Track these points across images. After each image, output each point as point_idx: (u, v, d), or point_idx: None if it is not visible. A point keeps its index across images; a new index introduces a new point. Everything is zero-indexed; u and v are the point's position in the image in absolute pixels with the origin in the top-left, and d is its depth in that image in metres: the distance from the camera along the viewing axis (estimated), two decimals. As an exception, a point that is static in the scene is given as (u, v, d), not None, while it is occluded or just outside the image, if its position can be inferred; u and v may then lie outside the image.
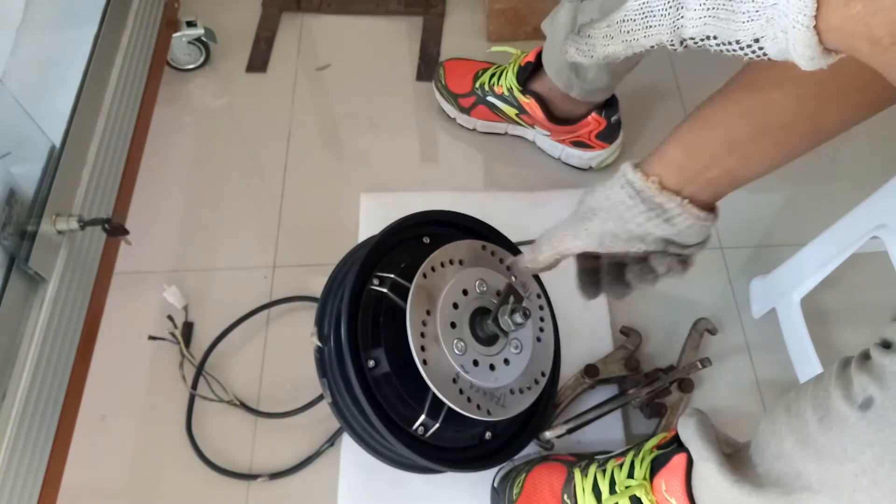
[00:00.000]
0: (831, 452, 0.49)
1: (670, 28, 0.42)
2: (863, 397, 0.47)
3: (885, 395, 0.45)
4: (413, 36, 1.29)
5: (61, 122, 0.87)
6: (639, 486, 0.69)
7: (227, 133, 1.17)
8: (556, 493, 0.77)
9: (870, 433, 0.46)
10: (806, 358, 0.87)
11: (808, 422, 0.51)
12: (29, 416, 0.77)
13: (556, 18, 0.95)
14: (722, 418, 0.68)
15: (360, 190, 1.08)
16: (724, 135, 0.57)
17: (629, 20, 0.44)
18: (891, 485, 0.45)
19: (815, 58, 0.37)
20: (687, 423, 0.66)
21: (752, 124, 0.57)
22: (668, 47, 0.44)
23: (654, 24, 0.43)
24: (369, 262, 0.71)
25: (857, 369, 0.48)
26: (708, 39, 0.41)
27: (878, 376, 0.46)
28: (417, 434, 0.69)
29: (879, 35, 0.33)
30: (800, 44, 0.36)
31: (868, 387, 0.46)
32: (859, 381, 0.47)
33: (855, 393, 0.47)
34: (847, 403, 0.48)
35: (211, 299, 1.00)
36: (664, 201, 0.57)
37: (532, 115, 1.05)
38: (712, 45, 0.41)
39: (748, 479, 0.58)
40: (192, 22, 1.18)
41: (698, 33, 0.41)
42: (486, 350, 0.70)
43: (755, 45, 0.39)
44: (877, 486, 0.46)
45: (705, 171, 0.58)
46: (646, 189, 0.58)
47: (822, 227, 0.84)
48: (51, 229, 0.81)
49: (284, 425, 0.90)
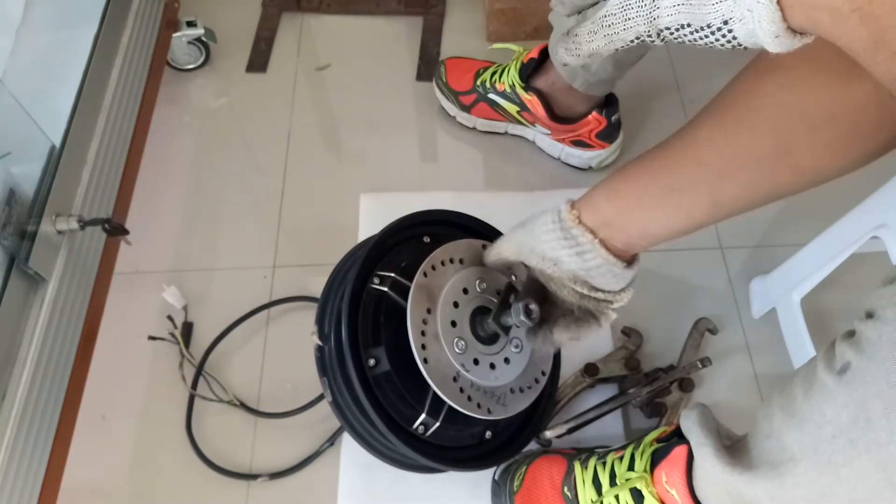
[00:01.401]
0: (812, 419, 0.50)
1: (647, 20, 0.44)
2: (841, 363, 0.48)
3: (860, 357, 0.47)
4: (413, 36, 1.29)
5: (61, 122, 0.87)
6: (639, 479, 0.69)
7: (227, 133, 1.17)
8: (557, 485, 0.77)
9: (845, 395, 0.47)
10: (806, 358, 0.87)
11: (796, 397, 0.53)
12: (29, 416, 0.77)
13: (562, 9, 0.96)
14: (722, 418, 0.68)
15: (360, 190, 1.08)
16: (635, 188, 0.62)
17: (610, 15, 0.47)
18: (865, 442, 0.46)
19: (781, 35, 0.38)
20: (689, 415, 0.67)
21: (657, 184, 0.61)
22: (646, 40, 0.46)
23: (631, 16, 0.45)
24: (370, 261, 0.71)
25: (840, 341, 0.49)
26: (682, 28, 0.43)
27: (856, 343, 0.48)
28: (418, 433, 0.69)
29: (838, 4, 0.35)
30: (764, 20, 0.38)
31: (847, 353, 0.48)
32: (840, 350, 0.49)
33: (836, 362, 0.49)
34: (828, 371, 0.49)
35: (211, 299, 1.00)
36: (578, 234, 0.62)
37: (534, 112, 1.05)
38: (686, 35, 0.43)
39: (742, 463, 0.59)
40: (192, 22, 1.18)
41: (673, 22, 0.43)
42: (486, 349, 0.70)
43: (724, 28, 0.41)
44: (852, 445, 0.47)
45: (618, 218, 0.61)
46: (566, 219, 0.62)
47: (822, 227, 0.84)
48: (51, 229, 0.81)
49: (284, 425, 0.90)
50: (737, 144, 0.58)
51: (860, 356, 0.47)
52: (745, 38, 0.41)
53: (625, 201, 0.61)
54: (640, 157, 0.63)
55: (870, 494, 0.47)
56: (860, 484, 0.47)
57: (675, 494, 0.67)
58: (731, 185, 0.59)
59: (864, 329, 0.47)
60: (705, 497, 0.65)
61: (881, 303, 0.47)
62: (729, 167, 0.58)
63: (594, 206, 0.62)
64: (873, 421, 0.45)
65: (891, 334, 0.45)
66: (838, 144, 0.56)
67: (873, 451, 0.45)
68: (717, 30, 0.41)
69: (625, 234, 0.62)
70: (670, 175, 0.60)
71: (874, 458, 0.46)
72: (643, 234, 0.62)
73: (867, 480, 0.47)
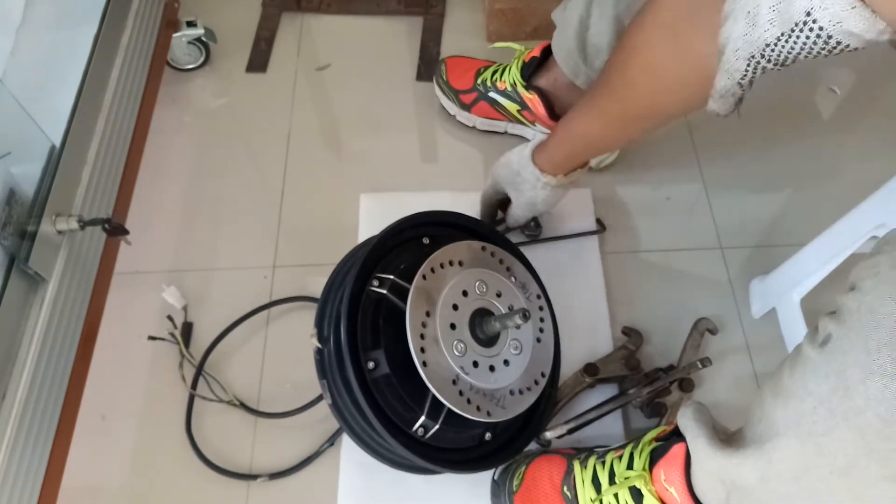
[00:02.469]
0: (796, 394, 0.51)
1: (748, 42, 0.49)
2: (823, 336, 0.49)
3: (840, 328, 0.48)
4: (413, 36, 1.29)
5: (61, 122, 0.87)
6: (638, 477, 0.70)
7: (227, 133, 1.17)
8: (556, 485, 0.77)
9: (825, 365, 0.48)
10: (806, 358, 0.87)
11: (783, 376, 0.54)
12: (29, 416, 0.77)
13: (568, 5, 0.97)
14: (722, 417, 0.68)
15: (360, 190, 1.08)
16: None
17: (722, 54, 0.52)
18: (843, 411, 0.46)
19: (857, 6, 0.41)
20: (685, 412, 0.68)
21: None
22: (758, 66, 0.50)
23: (738, 45, 0.50)
24: (369, 263, 0.71)
25: (823, 317, 0.51)
26: (780, 41, 0.47)
27: (837, 315, 0.49)
28: (417, 435, 0.69)
29: None
30: None
31: (829, 326, 0.49)
32: (822, 325, 0.50)
33: (818, 336, 0.50)
34: (811, 345, 0.50)
35: (211, 299, 1.00)
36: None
37: (534, 110, 1.05)
38: (784, 48, 0.47)
39: (733, 446, 0.59)
40: (192, 22, 1.18)
41: (771, 36, 0.47)
42: (485, 351, 0.70)
43: (809, 20, 0.43)
44: (831, 415, 0.47)
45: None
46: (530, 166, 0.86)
47: (822, 227, 0.84)
48: (51, 229, 0.81)
49: (284, 425, 0.90)
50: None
51: (840, 327, 0.48)
52: (831, 25, 0.43)
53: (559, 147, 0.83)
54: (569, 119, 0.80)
55: (848, 464, 0.48)
56: (840, 453, 0.48)
57: (673, 492, 0.67)
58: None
59: (845, 301, 0.48)
60: (703, 493, 0.65)
61: (862, 274, 0.48)
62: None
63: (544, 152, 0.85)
64: (851, 388, 0.46)
65: (870, 304, 0.46)
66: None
67: (851, 418, 0.46)
68: (804, 24, 0.44)
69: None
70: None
71: (851, 425, 0.46)
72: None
73: (847, 448, 0.47)
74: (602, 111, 0.74)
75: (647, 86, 0.66)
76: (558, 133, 0.82)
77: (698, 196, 1.09)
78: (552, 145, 0.83)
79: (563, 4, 0.98)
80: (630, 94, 0.69)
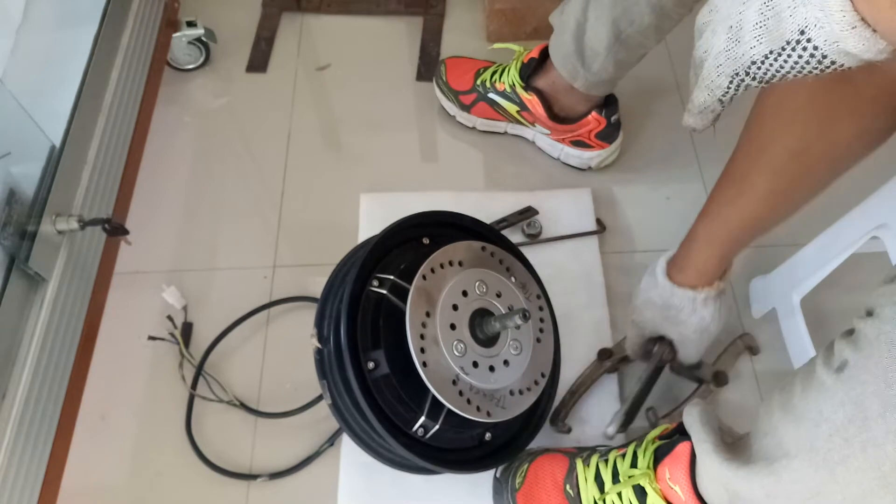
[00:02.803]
0: (809, 416, 0.51)
1: (732, 59, 0.46)
2: (839, 361, 0.49)
3: (858, 356, 0.47)
4: (413, 36, 1.29)
5: (61, 122, 0.87)
6: (642, 475, 0.69)
7: (227, 133, 1.17)
8: (559, 483, 0.77)
9: (842, 393, 0.48)
10: (806, 358, 0.86)
11: (794, 394, 0.53)
12: (29, 416, 0.77)
13: (565, 8, 0.96)
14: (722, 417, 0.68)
15: (360, 190, 1.08)
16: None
17: (704, 63, 0.49)
18: (860, 441, 0.46)
19: (857, 26, 0.38)
20: (691, 412, 0.68)
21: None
22: (741, 83, 0.47)
23: (721, 61, 0.47)
24: (369, 263, 0.71)
25: (839, 339, 0.50)
26: (767, 59, 0.43)
27: (855, 341, 0.48)
28: (417, 436, 0.69)
29: None
30: (835, 8, 0.38)
31: (845, 351, 0.48)
32: (838, 348, 0.49)
33: (834, 359, 0.49)
34: (826, 369, 0.50)
35: (210, 299, 1.00)
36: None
37: (533, 111, 1.05)
38: (773, 65, 0.44)
39: (740, 459, 0.59)
40: (192, 22, 1.18)
41: (758, 54, 0.44)
42: (485, 351, 0.70)
43: (803, 39, 0.40)
44: (848, 445, 0.47)
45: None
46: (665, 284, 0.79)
47: (822, 227, 0.84)
48: (51, 229, 0.81)
49: (284, 425, 0.90)
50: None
51: (858, 354, 0.47)
52: (826, 45, 0.40)
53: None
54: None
55: (864, 493, 0.48)
56: (854, 483, 0.48)
57: (678, 491, 0.67)
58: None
59: (863, 327, 0.47)
60: (708, 495, 0.65)
61: (881, 301, 0.47)
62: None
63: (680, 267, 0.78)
64: (870, 420, 0.45)
65: (889, 333, 0.45)
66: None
67: (869, 450, 0.46)
68: (797, 43, 0.41)
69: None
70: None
71: (869, 457, 0.46)
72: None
73: (862, 479, 0.47)
74: (752, 186, 0.71)
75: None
76: (699, 239, 0.75)
77: (698, 196, 1.08)
78: (696, 255, 0.76)
79: (560, 8, 0.98)
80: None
